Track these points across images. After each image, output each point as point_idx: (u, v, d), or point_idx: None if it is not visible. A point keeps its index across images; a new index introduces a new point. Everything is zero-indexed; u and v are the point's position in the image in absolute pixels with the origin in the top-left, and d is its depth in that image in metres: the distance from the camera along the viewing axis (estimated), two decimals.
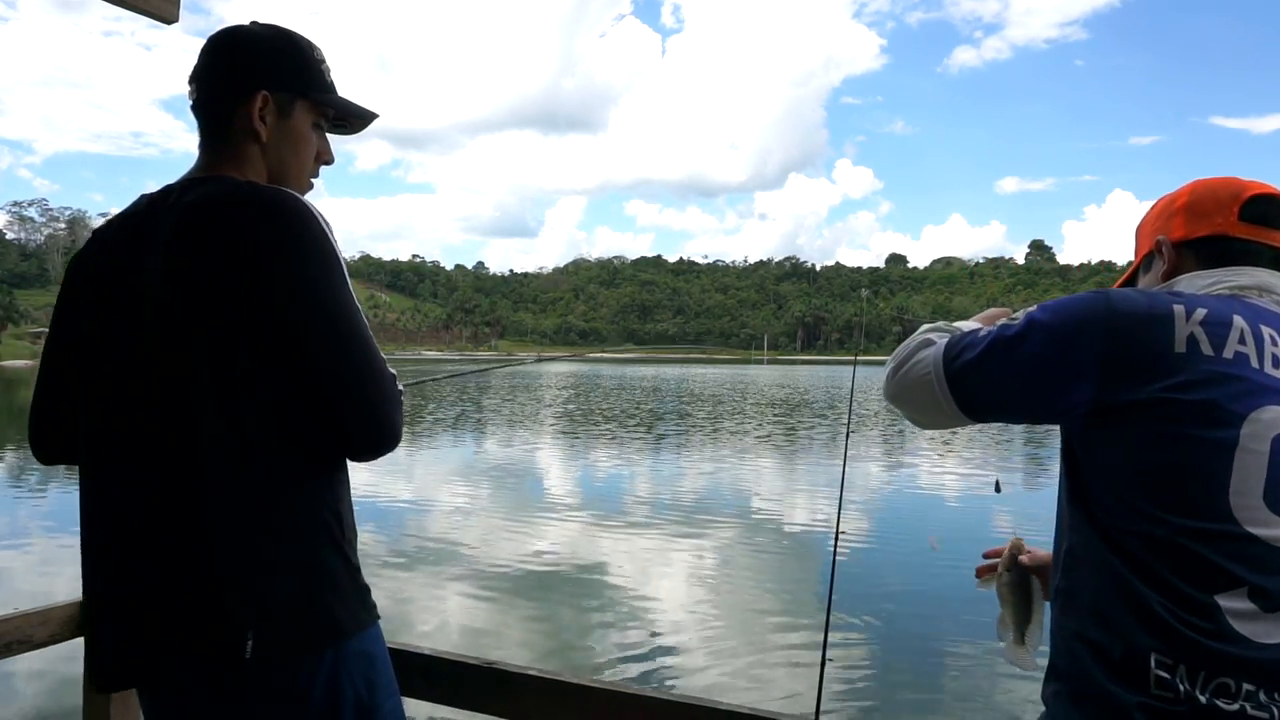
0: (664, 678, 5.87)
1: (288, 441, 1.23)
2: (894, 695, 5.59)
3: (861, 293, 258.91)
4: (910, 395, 1.23)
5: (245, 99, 1.34)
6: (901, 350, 1.26)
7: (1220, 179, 1.22)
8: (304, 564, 1.23)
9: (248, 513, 1.20)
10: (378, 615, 1.35)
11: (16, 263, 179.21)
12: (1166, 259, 1.21)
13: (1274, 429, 1.00)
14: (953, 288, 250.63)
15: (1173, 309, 1.07)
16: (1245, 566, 0.97)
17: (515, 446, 20.06)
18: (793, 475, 16.36)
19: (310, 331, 1.21)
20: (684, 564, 9.07)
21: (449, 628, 6.82)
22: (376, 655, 1.32)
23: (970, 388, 1.16)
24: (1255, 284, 1.13)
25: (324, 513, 1.27)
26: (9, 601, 7.23)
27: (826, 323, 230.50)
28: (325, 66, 1.43)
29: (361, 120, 1.48)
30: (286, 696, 1.21)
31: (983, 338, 1.15)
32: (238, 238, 1.20)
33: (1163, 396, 1.02)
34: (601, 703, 1.54)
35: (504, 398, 38.58)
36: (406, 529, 10.53)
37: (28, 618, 1.79)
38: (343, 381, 1.23)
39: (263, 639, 1.18)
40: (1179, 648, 0.96)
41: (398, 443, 1.31)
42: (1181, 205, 1.22)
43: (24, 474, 15.49)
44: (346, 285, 1.26)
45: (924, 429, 1.31)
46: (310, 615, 1.22)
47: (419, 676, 1.64)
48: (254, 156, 1.36)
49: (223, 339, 1.19)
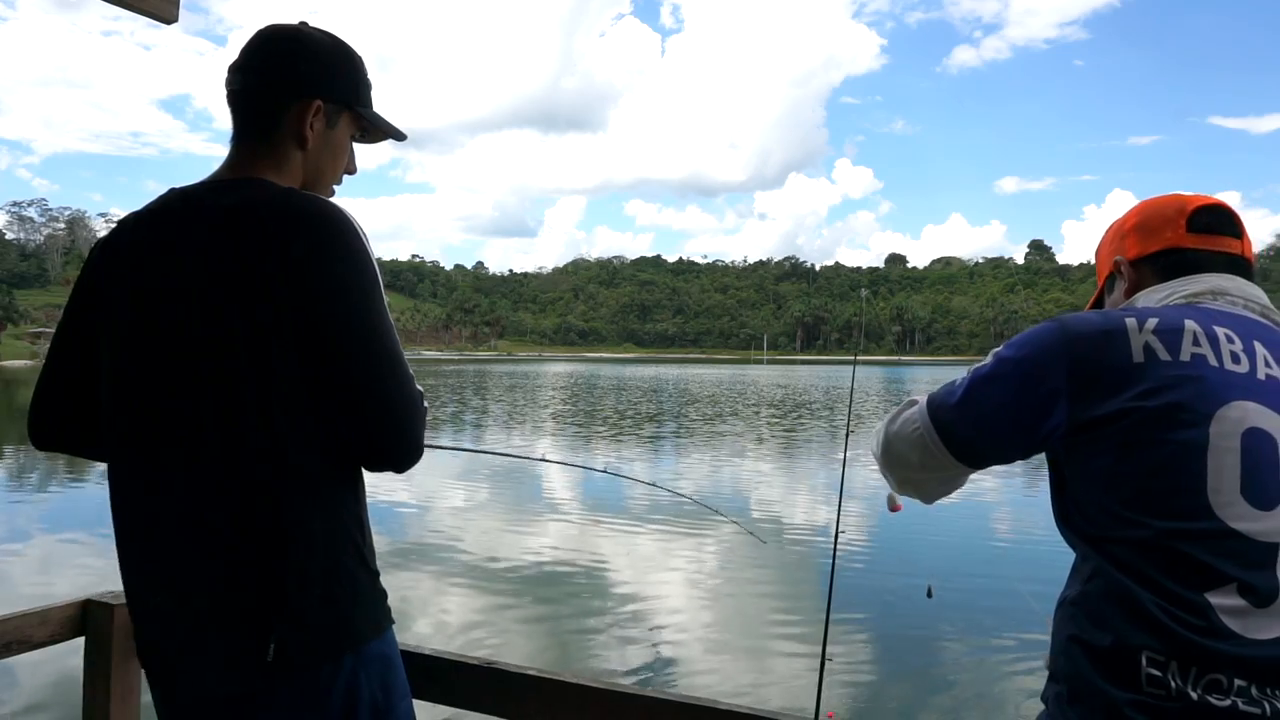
0: (664, 678, 5.87)
1: (321, 449, 1.23)
2: (894, 695, 5.59)
3: (861, 293, 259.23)
4: (904, 454, 1.25)
5: (300, 103, 1.34)
6: (888, 417, 1.29)
7: (1165, 196, 1.29)
8: (330, 569, 1.23)
9: (280, 517, 1.20)
10: (393, 619, 1.36)
11: (16, 263, 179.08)
12: (1127, 278, 1.28)
13: (1242, 424, 1.03)
14: (952, 287, 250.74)
15: (1124, 322, 1.11)
16: (1232, 563, 0.99)
17: (515, 446, 20.05)
18: (793, 475, 16.36)
19: (348, 344, 1.21)
20: (684, 564, 9.07)
21: (449, 628, 6.82)
22: (392, 658, 1.34)
23: (959, 433, 1.18)
24: (1207, 289, 1.19)
25: (348, 519, 1.28)
26: (9, 602, 7.23)
27: (826, 323, 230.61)
28: (370, 81, 1.44)
29: (386, 136, 1.49)
30: (305, 701, 1.22)
31: (960, 384, 1.19)
32: (285, 245, 1.20)
33: (1130, 406, 1.05)
34: (601, 703, 1.54)
35: (504, 397, 38.58)
36: (406, 529, 10.53)
37: (27, 618, 1.79)
38: (373, 395, 1.23)
39: (285, 644, 1.18)
40: (1170, 645, 0.98)
41: (420, 456, 1.31)
42: (1132, 226, 1.29)
43: (24, 474, 15.49)
44: (383, 300, 1.27)
45: (929, 499, 1.32)
46: (333, 622, 1.23)
47: (419, 676, 1.64)
48: (294, 160, 1.36)
49: (265, 344, 1.19)
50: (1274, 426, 1.03)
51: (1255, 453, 1.02)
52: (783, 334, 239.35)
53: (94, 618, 1.84)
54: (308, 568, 1.21)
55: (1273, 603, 0.98)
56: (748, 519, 11.46)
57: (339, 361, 1.21)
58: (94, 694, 1.83)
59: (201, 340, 1.21)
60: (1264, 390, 1.05)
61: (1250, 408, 1.04)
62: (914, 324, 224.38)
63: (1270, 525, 1.00)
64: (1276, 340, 1.13)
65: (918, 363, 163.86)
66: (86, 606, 1.86)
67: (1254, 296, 1.19)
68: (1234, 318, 1.14)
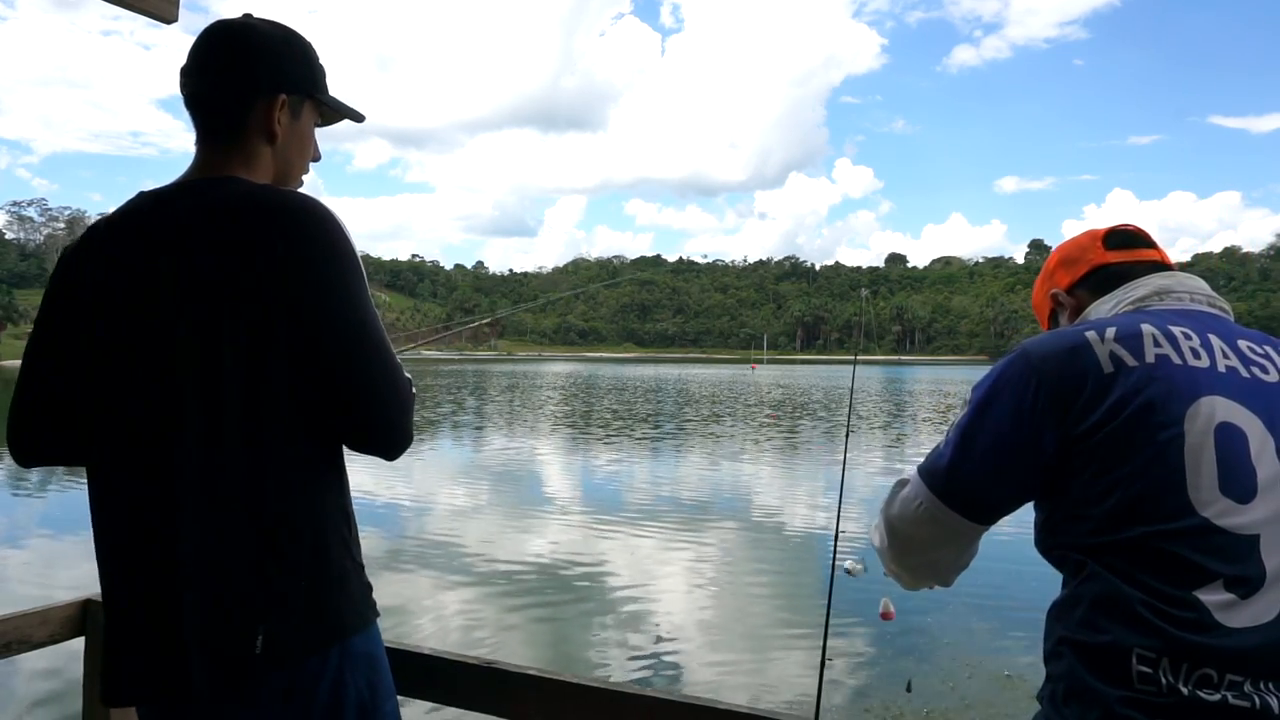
0: (664, 678, 5.87)
1: (309, 442, 1.24)
2: (894, 696, 5.59)
3: (861, 292, 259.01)
4: (912, 535, 1.23)
5: (266, 100, 1.34)
6: (882, 507, 1.27)
7: (1076, 235, 1.39)
8: (316, 561, 1.24)
9: (268, 509, 1.21)
10: (378, 613, 1.36)
11: (16, 263, 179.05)
12: (1067, 305, 1.35)
13: (1212, 420, 1.05)
14: (952, 287, 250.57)
15: (1085, 336, 1.13)
16: (1218, 559, 1.01)
17: (515, 446, 20.06)
18: (792, 476, 16.36)
19: (334, 334, 1.22)
20: (684, 564, 9.07)
21: (449, 628, 6.82)
22: (377, 657, 1.33)
23: (962, 487, 1.17)
24: (1152, 291, 1.23)
25: (335, 511, 1.28)
26: (9, 602, 7.22)
27: (826, 322, 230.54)
28: (323, 66, 1.43)
29: (340, 118, 1.48)
30: (292, 696, 1.21)
31: (946, 443, 1.19)
32: (268, 242, 1.21)
33: (1107, 416, 1.07)
34: (601, 703, 1.54)
35: (504, 397, 38.56)
36: (406, 529, 10.53)
37: (27, 618, 1.79)
38: (362, 384, 1.24)
39: (273, 636, 1.18)
40: (1160, 643, 0.99)
41: (410, 443, 1.33)
42: (1056, 263, 1.38)
43: (24, 474, 15.49)
44: (366, 290, 1.28)
45: (948, 579, 1.29)
46: (319, 613, 1.23)
47: (419, 676, 1.64)
48: (264, 157, 1.36)
49: (249, 340, 1.19)
50: (1241, 419, 1.06)
51: (1228, 447, 1.04)
52: (783, 334, 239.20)
53: (94, 618, 1.84)
54: (295, 558, 1.21)
55: (1258, 592, 1.00)
56: (748, 519, 11.46)
57: (329, 356, 1.22)
58: (94, 694, 1.83)
59: (187, 341, 1.21)
60: (1226, 383, 1.08)
61: (1218, 402, 1.06)
62: (914, 324, 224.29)
63: (1250, 518, 1.02)
64: (1228, 330, 1.17)
65: (918, 362, 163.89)
66: (86, 606, 1.86)
67: (1198, 289, 1.23)
68: (1185, 314, 1.18)
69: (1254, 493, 1.02)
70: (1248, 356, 1.13)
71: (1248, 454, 1.04)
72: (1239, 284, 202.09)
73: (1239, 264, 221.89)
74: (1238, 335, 1.16)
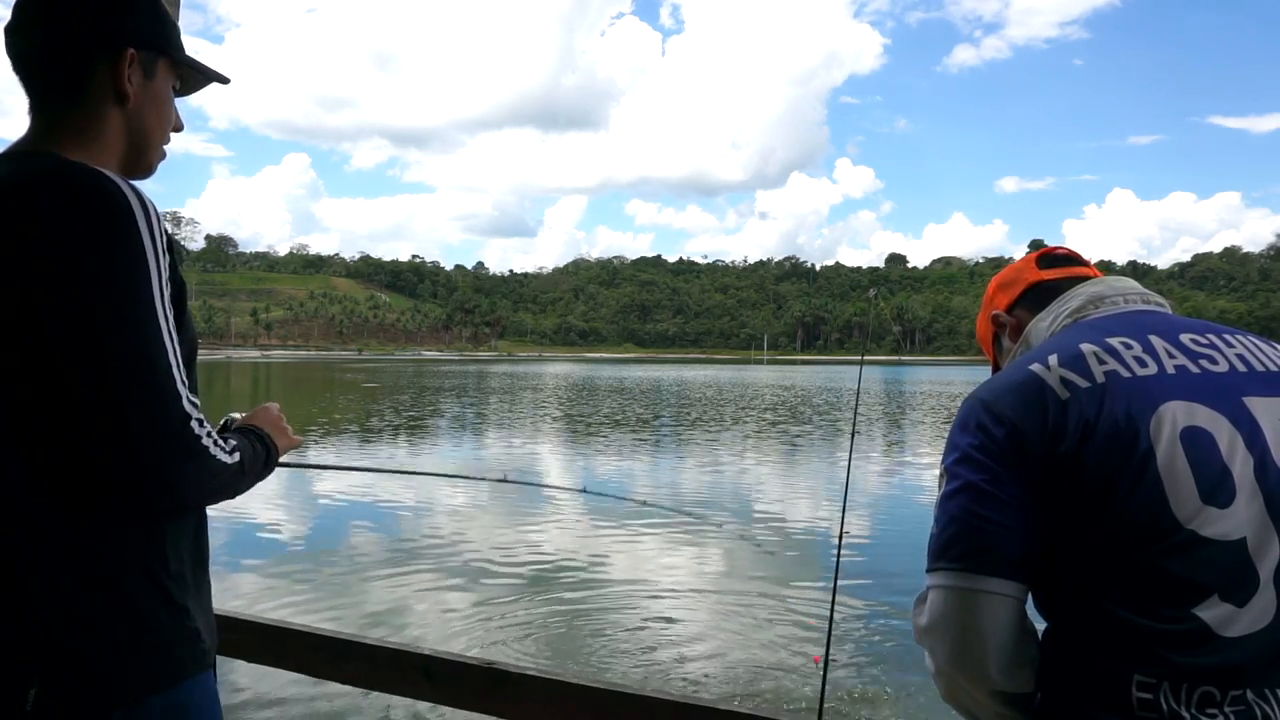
0: (664, 678, 5.86)
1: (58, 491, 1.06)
2: (897, 697, 5.58)
3: (870, 293, 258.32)
4: (961, 634, 1.08)
5: (111, 56, 1.17)
6: (916, 629, 1.16)
7: (1011, 264, 1.45)
8: (107, 615, 1.08)
9: (43, 559, 1.06)
10: (208, 664, 1.20)
11: None
12: (1008, 325, 1.37)
13: (1176, 427, 1.01)
14: (952, 287, 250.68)
15: (1030, 370, 1.10)
16: (1209, 571, 0.98)
17: (515, 446, 20.06)
18: (796, 476, 16.35)
19: (76, 342, 1.02)
20: (685, 564, 9.06)
21: (449, 628, 6.82)
22: (193, 708, 1.17)
23: (973, 550, 1.07)
24: (1087, 299, 1.23)
25: (144, 555, 1.12)
26: None
27: (826, 322, 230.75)
28: (177, 25, 1.29)
29: (207, 82, 1.34)
30: None
31: (936, 523, 1.12)
32: (42, 225, 1.03)
33: (1074, 443, 1.03)
34: (601, 703, 1.54)
35: (504, 398, 38.59)
36: (406, 529, 10.53)
37: None
38: (102, 409, 1.02)
39: (46, 695, 1.04)
40: (1159, 668, 0.97)
41: (178, 499, 1.10)
42: (994, 290, 1.43)
43: None
44: (152, 296, 1.06)
45: (1021, 665, 1.08)
46: (105, 671, 1.08)
47: (419, 676, 1.64)
48: (113, 124, 1.19)
49: (6, 357, 1.03)
50: (1204, 419, 1.02)
51: (1198, 452, 1.00)
52: (783, 334, 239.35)
53: None
54: (76, 612, 1.06)
55: (1253, 597, 0.98)
56: (750, 520, 11.46)
57: (65, 364, 1.02)
58: None
59: None
60: (1179, 385, 1.05)
61: (1177, 408, 1.03)
62: (914, 324, 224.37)
63: (1234, 521, 0.99)
64: (1169, 325, 1.15)
65: (919, 363, 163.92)
66: None
67: (1129, 289, 1.23)
68: (1121, 319, 1.17)
69: (1233, 494, 0.99)
70: (1193, 350, 1.09)
71: (1219, 454, 1.01)
72: (1239, 284, 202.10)
73: (1239, 264, 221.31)
74: (1179, 329, 1.13)
